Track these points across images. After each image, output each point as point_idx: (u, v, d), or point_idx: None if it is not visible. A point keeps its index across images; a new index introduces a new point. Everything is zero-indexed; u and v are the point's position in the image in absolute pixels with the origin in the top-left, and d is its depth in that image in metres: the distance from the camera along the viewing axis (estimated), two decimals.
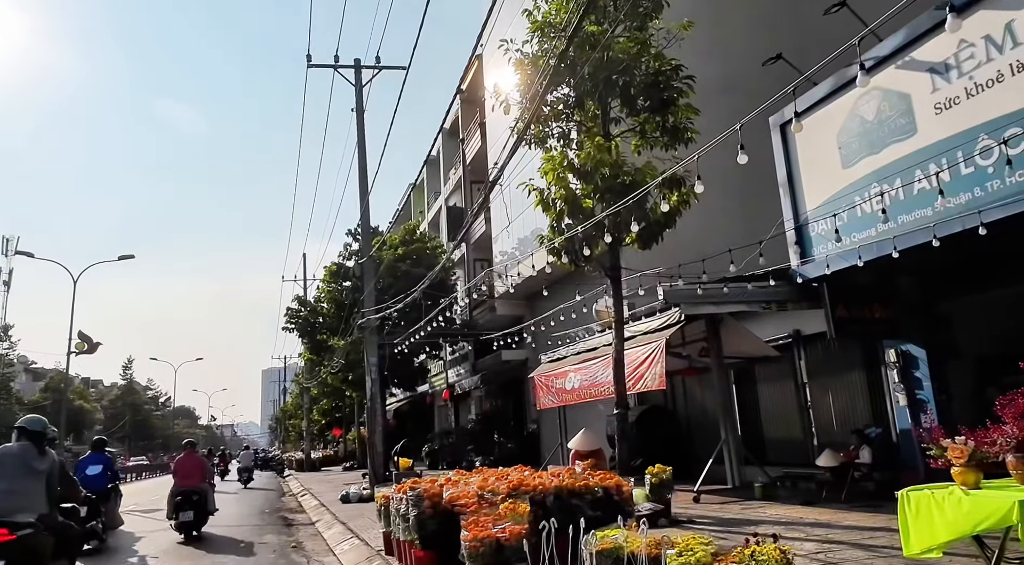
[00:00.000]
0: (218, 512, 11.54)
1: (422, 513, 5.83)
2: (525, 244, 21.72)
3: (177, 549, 9.72)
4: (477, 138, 27.03)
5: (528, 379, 23.38)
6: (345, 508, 12.93)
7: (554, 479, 6.49)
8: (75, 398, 53.24)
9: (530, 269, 10.87)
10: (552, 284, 14.94)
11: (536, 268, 11.32)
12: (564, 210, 8.16)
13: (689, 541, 4.04)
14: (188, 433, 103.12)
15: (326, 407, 40.45)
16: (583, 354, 13.57)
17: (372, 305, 15.28)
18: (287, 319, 26.52)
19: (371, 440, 15.07)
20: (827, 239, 9.19)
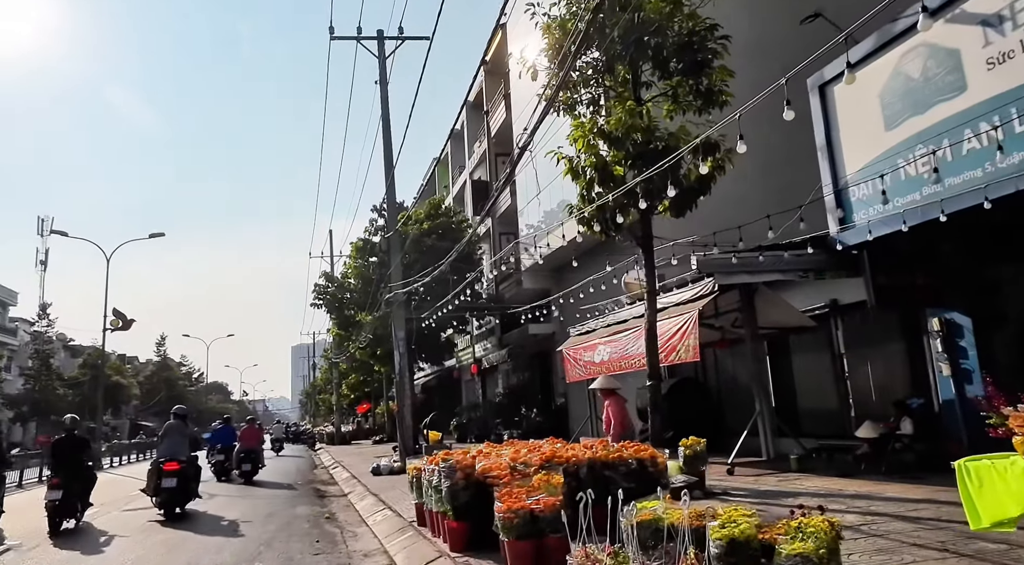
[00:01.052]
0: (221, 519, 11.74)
1: (454, 485, 5.78)
2: (551, 217, 21.47)
3: (241, 493, 13.67)
4: (502, 110, 26.68)
5: (556, 352, 23.31)
6: (376, 480, 13.04)
7: (587, 451, 6.40)
8: (112, 374, 54.49)
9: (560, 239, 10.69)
10: (581, 255, 14.74)
11: (566, 238, 11.10)
12: (594, 178, 7.93)
13: (731, 513, 3.89)
14: (222, 408, 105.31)
15: (355, 382, 40.91)
16: (613, 326, 13.40)
17: (399, 280, 15.23)
18: (315, 295, 26.71)
19: (400, 414, 15.14)
20: (868, 204, 8.85)
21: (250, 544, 7.60)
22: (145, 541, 8.36)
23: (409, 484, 7.60)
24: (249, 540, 7.89)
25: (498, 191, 16.11)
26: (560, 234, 12.47)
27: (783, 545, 3.51)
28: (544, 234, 18.15)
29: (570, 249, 17.21)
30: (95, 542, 8.58)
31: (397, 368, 15.12)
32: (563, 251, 17.78)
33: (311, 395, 74.15)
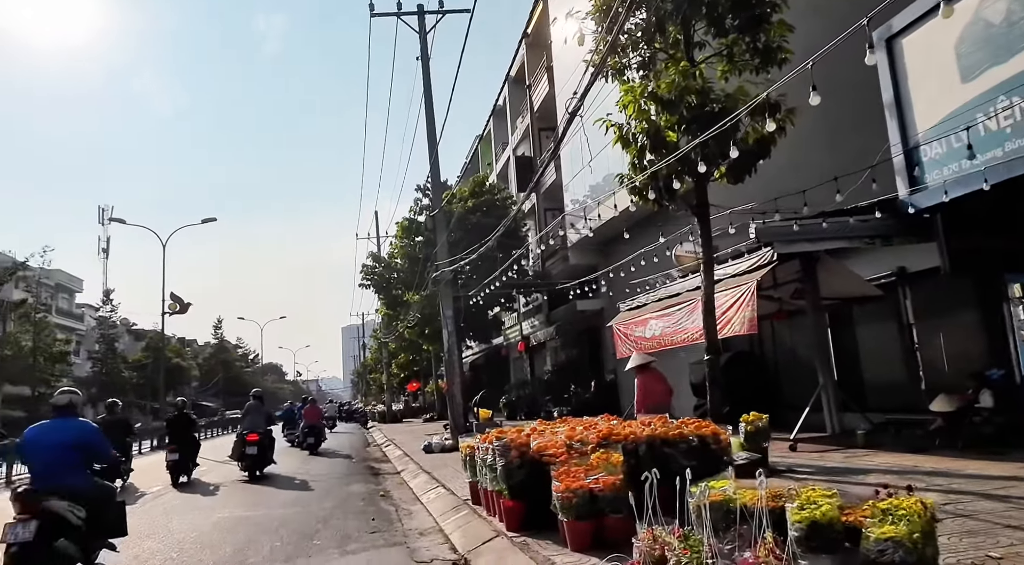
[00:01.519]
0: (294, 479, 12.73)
1: (509, 463, 5.63)
2: (597, 191, 21.05)
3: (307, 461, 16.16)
4: (544, 83, 26.20)
5: (605, 328, 23.00)
6: (428, 458, 13.08)
7: (645, 428, 6.16)
8: (172, 357, 56.46)
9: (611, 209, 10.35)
10: (630, 228, 14.37)
11: (618, 208, 10.77)
12: (646, 145, 7.58)
13: (809, 493, 3.62)
14: (277, 388, 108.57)
15: (404, 361, 41.40)
16: (664, 301, 13.04)
17: (445, 258, 15.13)
18: (363, 276, 26.95)
19: (450, 392, 15.13)
20: (942, 164, 8.26)
21: (309, 521, 7.65)
22: (236, 492, 11.11)
23: (462, 462, 7.51)
24: (307, 517, 7.95)
25: (544, 164, 15.73)
26: (611, 204, 12.10)
27: (871, 529, 3.23)
28: (592, 207, 17.77)
29: (620, 221, 16.86)
30: (204, 490, 11.74)
31: (446, 346, 15.09)
32: (612, 224, 17.43)
33: (362, 375, 75.64)
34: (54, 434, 5.57)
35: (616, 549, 4.64)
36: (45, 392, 40.83)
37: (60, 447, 5.49)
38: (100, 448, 5.90)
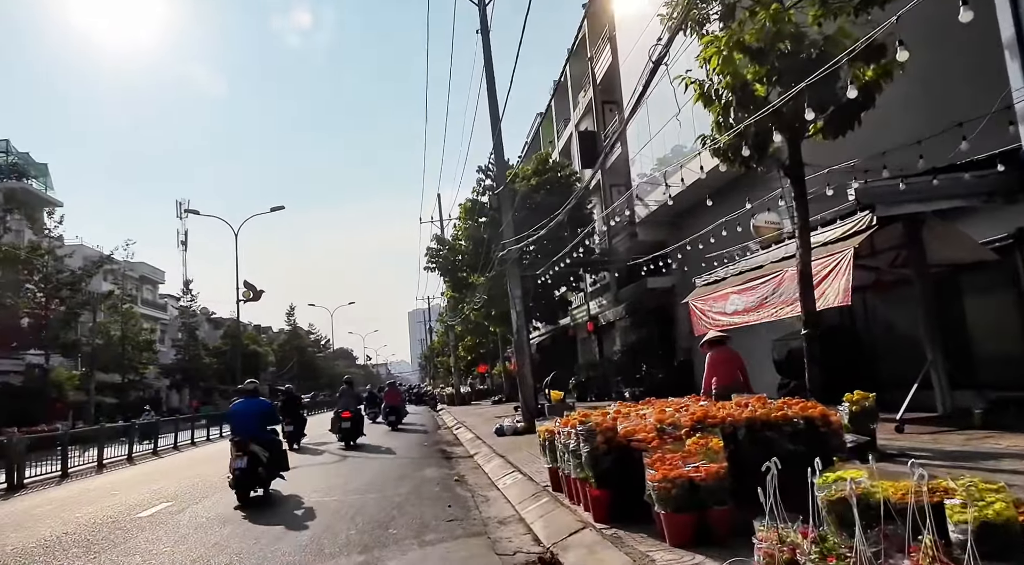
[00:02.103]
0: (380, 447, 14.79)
1: (595, 449, 5.17)
2: (665, 164, 20.17)
3: (388, 436, 18.59)
4: (607, 54, 25.30)
5: (678, 305, 22.17)
6: (501, 441, 12.79)
7: (744, 409, 5.58)
8: (249, 343, 58.40)
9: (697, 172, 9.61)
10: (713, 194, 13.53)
11: (696, 177, 10.08)
12: (732, 101, 6.90)
13: (972, 488, 3.01)
14: (348, 372, 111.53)
15: (470, 344, 41.50)
16: (746, 274, 12.24)
17: (511, 236, 14.72)
18: (428, 259, 26.89)
19: (520, 373, 14.78)
20: None
21: (384, 507, 7.43)
22: (338, 458, 13.84)
23: (540, 447, 7.10)
24: (383, 503, 7.74)
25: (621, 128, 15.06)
26: (679, 178, 11.38)
27: None
28: (660, 179, 17.01)
29: (696, 191, 16.00)
30: (314, 454, 14.77)
31: (515, 326, 14.73)
32: (687, 195, 16.65)
33: (429, 358, 76.63)
34: (247, 407, 9.26)
35: (721, 545, 4.15)
36: (134, 379, 43.04)
37: (251, 415, 9.16)
38: (272, 416, 9.83)
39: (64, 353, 32.63)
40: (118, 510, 8.78)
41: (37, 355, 31.96)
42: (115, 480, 13.04)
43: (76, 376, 33.40)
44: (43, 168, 41.42)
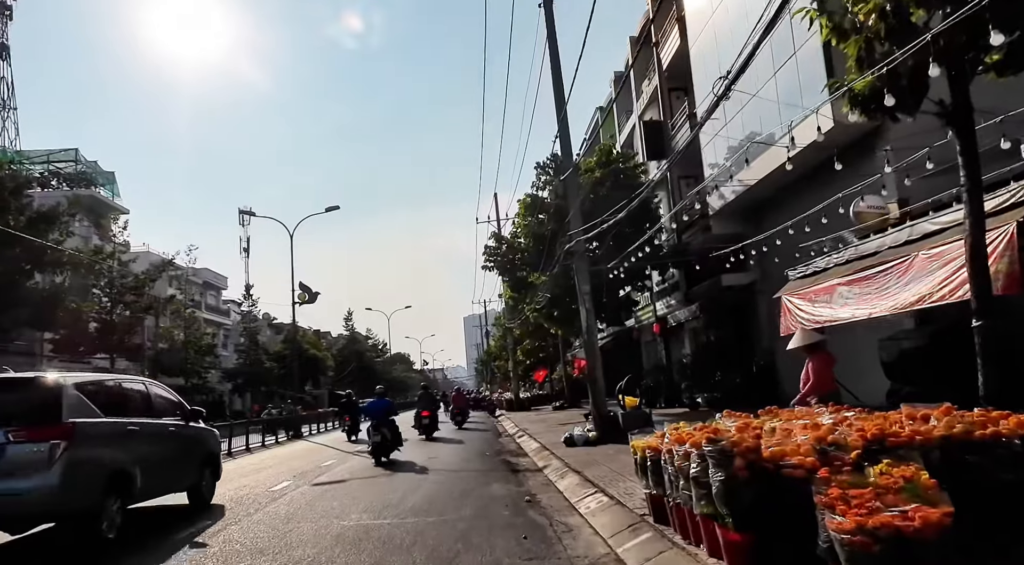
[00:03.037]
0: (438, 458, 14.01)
1: (733, 477, 3.80)
2: (738, 153, 18.48)
3: (457, 431, 23.09)
4: (674, 37, 23.70)
5: (760, 304, 20.38)
6: (572, 453, 11.46)
7: (934, 425, 4.11)
8: (308, 348, 58.68)
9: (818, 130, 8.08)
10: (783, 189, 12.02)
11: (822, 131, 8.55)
12: (879, 30, 5.43)
13: None
14: (406, 376, 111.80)
15: (529, 347, 40.23)
16: (855, 263, 10.59)
17: (579, 226, 13.40)
18: (485, 258, 25.82)
19: (591, 377, 13.42)
20: None
21: (446, 536, 6.22)
22: (420, 447, 16.93)
23: (636, 467, 5.76)
24: (444, 529, 6.55)
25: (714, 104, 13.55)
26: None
27: None
28: (742, 163, 15.42)
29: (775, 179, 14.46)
30: None
31: (584, 326, 13.38)
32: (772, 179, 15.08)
33: (486, 363, 75.74)
34: (377, 405, 14.72)
35: None
36: (197, 383, 43.51)
37: (379, 409, 14.39)
38: (392, 411, 14.70)
39: (128, 357, 32.95)
40: None
41: (103, 359, 32.41)
42: None
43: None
44: (110, 176, 42.44)
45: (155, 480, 8.06)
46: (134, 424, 7.81)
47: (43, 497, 6.30)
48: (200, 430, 9.75)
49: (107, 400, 7.63)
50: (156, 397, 8.87)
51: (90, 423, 6.97)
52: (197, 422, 9.49)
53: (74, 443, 6.56)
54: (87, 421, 6.92)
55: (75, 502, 6.58)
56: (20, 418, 6.58)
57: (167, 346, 37.52)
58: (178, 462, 8.80)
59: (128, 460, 7.43)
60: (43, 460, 6.35)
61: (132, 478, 7.44)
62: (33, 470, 6.31)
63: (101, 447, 7.11)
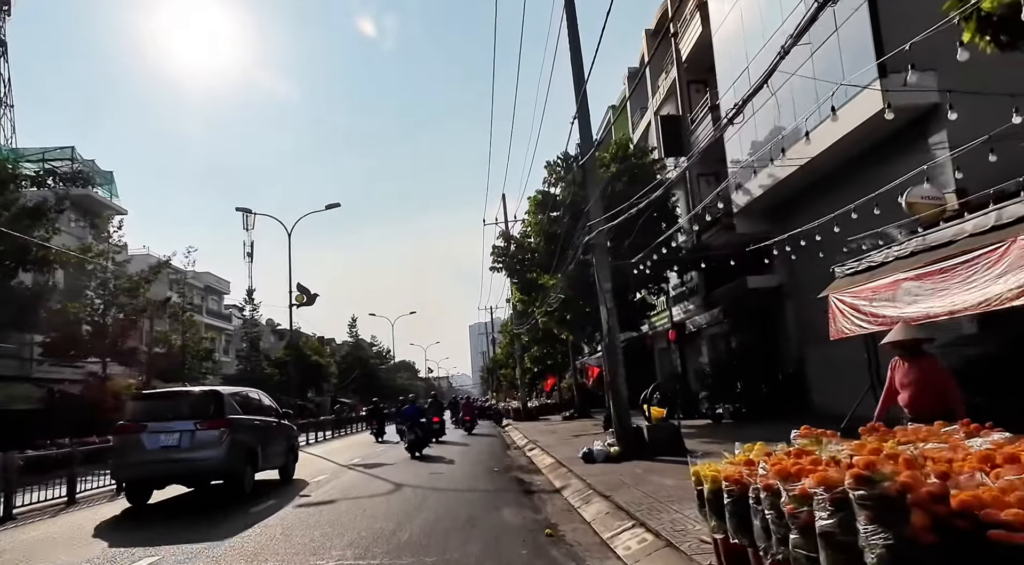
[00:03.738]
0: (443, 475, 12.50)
1: (910, 541, 2.38)
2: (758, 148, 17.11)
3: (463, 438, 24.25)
4: (696, 25, 22.38)
5: (788, 307, 18.95)
6: (593, 471, 10.05)
7: None
8: (311, 354, 57.42)
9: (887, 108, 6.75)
10: (814, 185, 10.62)
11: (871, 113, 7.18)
12: None
13: None
14: (410, 384, 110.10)
15: (537, 354, 38.74)
16: (924, 255, 9.17)
17: (599, 215, 12.01)
18: (493, 259, 24.38)
19: (613, 384, 11.99)
20: None
21: None
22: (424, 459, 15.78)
23: (704, 505, 4.32)
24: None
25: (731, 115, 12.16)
26: (773, 164, 8.48)
27: None
28: (776, 151, 14.04)
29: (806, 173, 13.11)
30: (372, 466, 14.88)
31: (605, 328, 11.97)
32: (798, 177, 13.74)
33: (492, 371, 74.21)
34: (411, 409, 18.20)
35: None
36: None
37: (413, 412, 17.75)
38: (423, 413, 18.24)
39: (121, 361, 31.63)
40: None
41: (94, 363, 31.11)
42: None
43: (133, 385, 32.35)
44: (109, 176, 41.24)
45: (267, 458, 11.95)
46: (257, 420, 11.79)
47: (216, 463, 10.21)
48: (288, 426, 13.82)
49: (242, 403, 11.58)
50: (263, 402, 12.96)
51: (238, 418, 10.92)
52: (285, 420, 13.53)
53: (231, 430, 10.45)
54: (237, 417, 10.90)
55: (232, 467, 10.52)
56: (202, 415, 10.40)
57: (164, 350, 36.19)
58: (277, 447, 12.63)
59: (255, 443, 11.37)
60: (216, 440, 10.23)
61: (257, 455, 11.40)
62: (211, 447, 10.16)
63: (244, 434, 10.93)
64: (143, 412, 10.75)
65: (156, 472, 10.19)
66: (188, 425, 10.21)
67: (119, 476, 10.96)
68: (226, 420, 10.43)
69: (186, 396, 11.55)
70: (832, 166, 15.83)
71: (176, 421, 10.33)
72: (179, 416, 10.41)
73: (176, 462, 10.05)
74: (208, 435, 10.18)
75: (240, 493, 10.51)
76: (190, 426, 10.20)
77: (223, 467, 10.31)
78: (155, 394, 12.57)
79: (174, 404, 10.92)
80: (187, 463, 10.07)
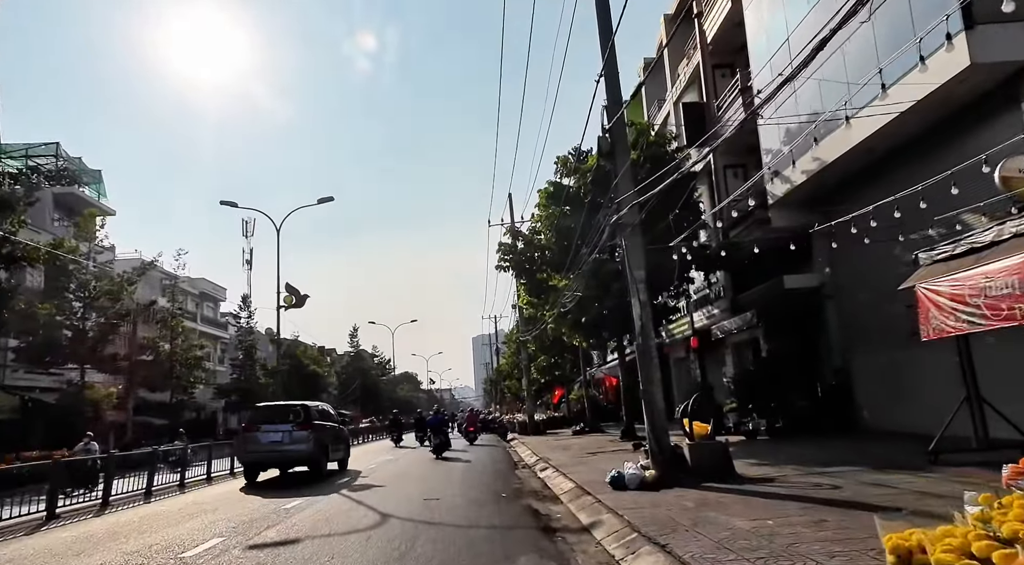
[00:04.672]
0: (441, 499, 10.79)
1: None
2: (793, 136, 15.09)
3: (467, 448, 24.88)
4: (723, 4, 20.42)
5: (832, 310, 16.69)
6: (627, 501, 7.94)
7: None
8: (309, 364, 55.40)
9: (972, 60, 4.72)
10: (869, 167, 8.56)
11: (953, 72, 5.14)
12: None
13: None
14: (413, 396, 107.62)
15: (544, 364, 36.56)
16: None
17: (628, 188, 9.97)
18: (500, 256, 22.27)
19: (647, 392, 9.86)
20: None
21: None
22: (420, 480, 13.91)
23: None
24: None
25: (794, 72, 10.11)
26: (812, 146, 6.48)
27: None
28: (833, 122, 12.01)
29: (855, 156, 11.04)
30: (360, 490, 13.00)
31: (638, 325, 9.86)
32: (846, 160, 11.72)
33: (495, 382, 71.92)
34: (435, 418, 23.08)
35: None
36: (184, 399, 39.98)
37: (437, 421, 22.34)
38: (446, 423, 23.08)
39: (101, 368, 29.58)
40: None
41: (72, 369, 29.09)
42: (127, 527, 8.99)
43: (113, 394, 30.26)
44: (97, 175, 39.43)
45: (334, 452, 16.53)
46: (328, 425, 16.36)
47: (306, 454, 14.89)
48: (343, 429, 18.47)
49: (320, 413, 16.50)
50: (330, 412, 17.94)
51: (318, 423, 15.54)
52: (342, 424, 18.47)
53: (314, 431, 15.06)
54: (318, 422, 15.58)
55: (315, 456, 15.06)
56: (296, 420, 15.07)
57: (151, 358, 34.08)
58: (339, 445, 17.36)
59: (328, 441, 15.89)
60: (306, 438, 14.81)
61: (328, 448, 15.95)
62: (303, 443, 14.74)
63: (321, 434, 15.46)
64: (259, 417, 15.46)
65: (266, 459, 14.85)
66: (287, 427, 14.91)
67: (243, 460, 15.29)
68: (312, 424, 15.25)
69: (286, 407, 16.28)
70: (886, 148, 13.86)
71: (280, 424, 14.96)
72: (282, 420, 15.06)
73: (280, 452, 14.75)
74: (300, 434, 14.88)
75: (319, 475, 15.04)
76: (289, 428, 14.90)
77: (311, 456, 15.02)
78: (266, 406, 16.40)
79: (279, 412, 15.76)
80: (287, 453, 14.84)
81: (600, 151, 10.25)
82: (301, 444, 14.69)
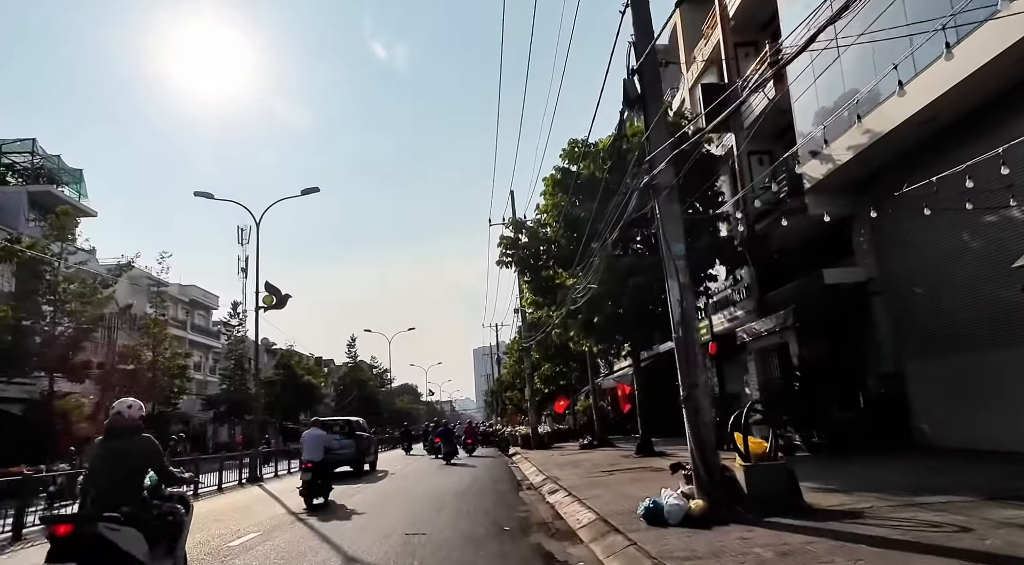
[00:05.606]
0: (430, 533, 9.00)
1: None
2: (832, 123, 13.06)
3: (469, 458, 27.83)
4: None
5: (880, 309, 14.45)
6: (675, 545, 5.85)
7: None
8: (304, 374, 53.28)
9: None
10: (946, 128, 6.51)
11: None
12: None
13: None
14: (412, 408, 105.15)
15: (548, 373, 34.38)
16: None
17: (663, 141, 7.94)
18: (501, 251, 20.19)
19: (692, 399, 7.75)
20: None
21: None
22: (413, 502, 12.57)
23: None
24: None
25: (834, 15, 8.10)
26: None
27: None
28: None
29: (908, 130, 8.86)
30: None
31: (676, 312, 7.78)
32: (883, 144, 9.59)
33: (497, 393, 69.63)
34: (444, 430, 28.10)
35: None
36: (165, 411, 37.72)
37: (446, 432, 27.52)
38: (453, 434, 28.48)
39: (71, 377, 27.42)
40: None
41: (39, 377, 26.97)
42: None
43: (85, 404, 28.08)
44: (77, 174, 37.39)
45: (369, 455, 22.95)
46: (364, 434, 22.64)
47: (352, 456, 20.93)
48: (372, 438, 24.95)
49: (359, 426, 22.74)
50: (364, 424, 23.85)
51: (359, 434, 21.89)
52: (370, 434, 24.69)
53: (356, 439, 21.41)
54: (360, 433, 22.05)
55: (358, 458, 21.24)
56: (343, 432, 21.46)
57: (131, 366, 31.92)
58: (372, 450, 23.65)
59: (365, 447, 22.25)
60: (352, 445, 21.07)
61: (365, 452, 22.18)
62: (350, 448, 20.88)
63: (360, 441, 21.66)
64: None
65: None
66: (337, 436, 20.48)
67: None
68: (355, 434, 21.40)
69: (338, 421, 22.34)
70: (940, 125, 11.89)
71: (333, 433, 19.97)
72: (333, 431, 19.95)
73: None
74: (347, 441, 20.83)
75: (360, 473, 20.63)
76: (338, 436, 20.53)
77: (356, 458, 20.90)
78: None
79: (333, 424, 21.37)
80: (339, 455, 19.37)
81: (627, 97, 8.19)
82: (349, 449, 20.52)
